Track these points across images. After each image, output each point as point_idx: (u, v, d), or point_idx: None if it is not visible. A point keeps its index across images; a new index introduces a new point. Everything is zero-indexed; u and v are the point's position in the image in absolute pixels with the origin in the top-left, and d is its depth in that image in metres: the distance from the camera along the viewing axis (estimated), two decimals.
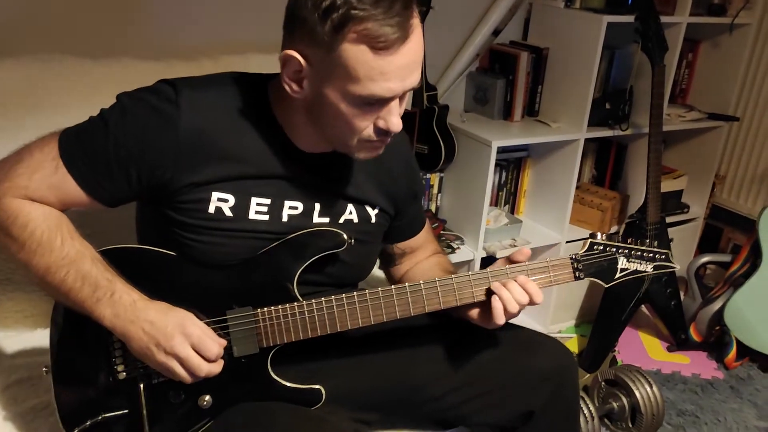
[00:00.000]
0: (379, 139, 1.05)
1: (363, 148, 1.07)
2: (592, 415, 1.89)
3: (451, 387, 1.22)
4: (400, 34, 0.93)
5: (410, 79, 0.99)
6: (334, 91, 0.98)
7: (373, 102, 0.99)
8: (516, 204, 2.65)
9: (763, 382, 2.40)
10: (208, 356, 1.03)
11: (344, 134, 1.04)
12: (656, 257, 1.20)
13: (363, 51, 0.93)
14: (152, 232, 1.15)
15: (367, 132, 1.03)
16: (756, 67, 2.74)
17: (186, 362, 1.02)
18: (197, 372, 1.03)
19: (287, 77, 1.01)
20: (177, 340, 1.01)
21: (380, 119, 1.02)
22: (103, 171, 1.06)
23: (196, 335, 1.02)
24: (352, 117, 1.00)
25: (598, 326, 2.44)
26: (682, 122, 2.65)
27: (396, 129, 1.03)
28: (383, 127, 1.02)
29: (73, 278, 1.02)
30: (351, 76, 0.95)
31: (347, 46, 0.93)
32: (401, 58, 0.95)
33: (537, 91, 2.48)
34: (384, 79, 0.96)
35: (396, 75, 0.96)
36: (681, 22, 2.38)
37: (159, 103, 1.05)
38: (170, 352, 1.01)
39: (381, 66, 0.94)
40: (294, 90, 1.02)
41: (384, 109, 1.01)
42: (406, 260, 1.38)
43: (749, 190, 2.87)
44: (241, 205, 1.10)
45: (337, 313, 1.11)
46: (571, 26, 2.34)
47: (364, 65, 0.94)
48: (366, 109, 1.00)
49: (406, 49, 0.95)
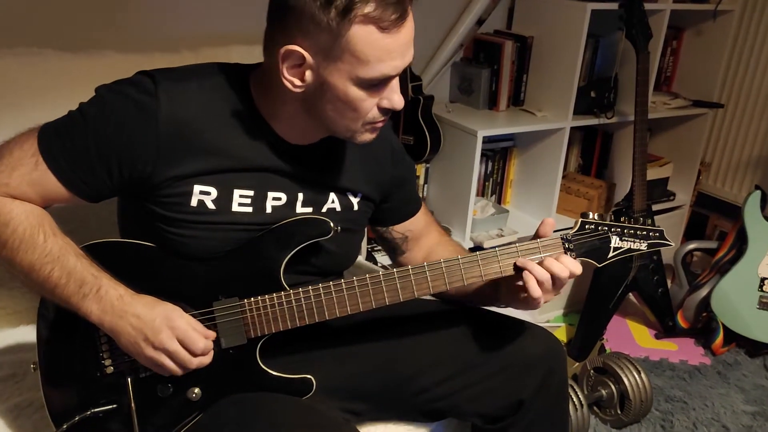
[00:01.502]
0: (381, 119, 1.07)
1: (366, 131, 1.08)
2: (582, 403, 1.89)
3: (441, 377, 1.22)
4: (400, 12, 0.95)
5: (408, 55, 1.02)
6: (341, 77, 0.99)
7: (378, 83, 1.00)
8: (503, 194, 2.65)
9: (750, 368, 2.42)
10: (194, 350, 1.02)
11: (350, 120, 1.05)
12: (650, 234, 1.17)
13: (371, 32, 0.95)
14: (134, 226, 1.13)
15: (372, 114, 1.05)
16: (739, 53, 2.76)
17: (174, 356, 1.01)
18: (187, 365, 1.02)
19: (288, 73, 1.00)
20: (164, 334, 1.00)
21: (383, 99, 1.04)
22: (84, 166, 1.04)
23: (182, 329, 1.01)
24: (359, 101, 1.01)
25: (586, 315, 2.45)
26: (667, 110, 2.65)
27: (399, 106, 1.05)
28: (387, 106, 1.04)
29: (58, 275, 1.01)
30: (360, 59, 0.96)
31: (356, 29, 0.94)
32: (403, 35, 0.98)
33: (522, 80, 2.48)
34: (391, 58, 0.98)
35: (399, 52, 0.99)
36: (665, 9, 2.38)
37: (138, 96, 1.03)
38: (159, 346, 1.00)
39: (388, 45, 0.96)
40: (296, 85, 1.01)
41: (386, 88, 1.03)
42: (414, 246, 1.36)
43: (734, 177, 2.89)
44: (224, 198, 1.09)
45: (325, 301, 1.10)
46: (555, 14, 2.33)
47: (373, 46, 0.96)
48: (371, 91, 1.01)
49: (406, 26, 0.98)
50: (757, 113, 2.76)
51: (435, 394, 1.22)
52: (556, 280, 1.10)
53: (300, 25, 0.95)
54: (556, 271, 1.09)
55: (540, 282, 1.09)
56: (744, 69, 2.76)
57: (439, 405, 1.24)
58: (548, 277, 1.09)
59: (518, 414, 1.21)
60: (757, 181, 2.77)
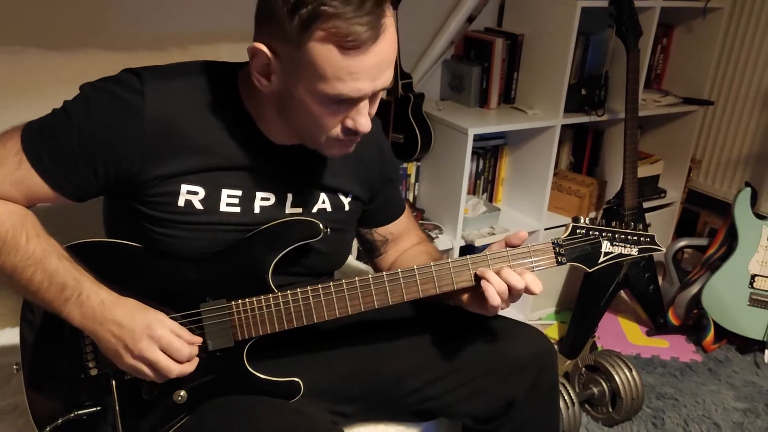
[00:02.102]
0: (347, 138, 1.03)
1: (332, 146, 1.05)
2: (573, 401, 1.89)
3: (431, 378, 1.21)
4: (370, 33, 0.90)
5: (381, 80, 0.96)
6: (302, 88, 0.95)
7: (341, 101, 0.96)
8: (494, 192, 2.64)
9: (741, 364, 2.42)
10: (178, 358, 1.01)
11: (313, 132, 1.02)
12: (641, 240, 1.17)
13: (330, 50, 0.90)
14: (121, 226, 1.12)
15: (335, 131, 1.01)
16: (729, 50, 2.76)
17: (155, 365, 1.00)
18: (167, 374, 1.01)
19: (256, 70, 0.99)
20: (144, 343, 0.99)
21: (348, 119, 1.00)
22: (68, 165, 1.02)
23: (165, 338, 1.00)
24: (320, 115, 0.98)
25: (577, 313, 2.45)
26: (658, 107, 2.66)
27: (364, 130, 1.00)
28: (351, 127, 1.00)
29: (39, 278, 1.00)
30: (319, 74, 0.92)
31: (314, 45, 0.90)
32: (371, 58, 0.92)
33: (513, 78, 2.48)
34: (352, 80, 0.93)
35: (366, 75, 0.93)
36: (655, 6, 2.38)
37: (123, 94, 1.02)
38: (138, 355, 0.99)
39: (349, 66, 0.91)
40: (262, 84, 0.99)
41: (353, 109, 0.99)
42: (391, 248, 1.36)
43: (724, 174, 2.90)
44: (212, 198, 1.07)
45: (314, 304, 1.09)
46: (546, 12, 2.33)
47: (331, 65, 0.91)
48: (335, 109, 0.98)
49: (377, 48, 0.92)
50: (747, 110, 2.76)
51: (425, 395, 1.21)
52: (513, 291, 1.09)
53: (271, 27, 0.94)
54: (513, 283, 1.09)
55: (498, 292, 1.09)
56: (734, 66, 2.77)
57: (430, 405, 1.23)
58: (505, 288, 1.09)
59: (509, 414, 1.20)
60: (747, 178, 2.78)
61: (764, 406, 2.20)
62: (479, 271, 1.11)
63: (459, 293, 1.17)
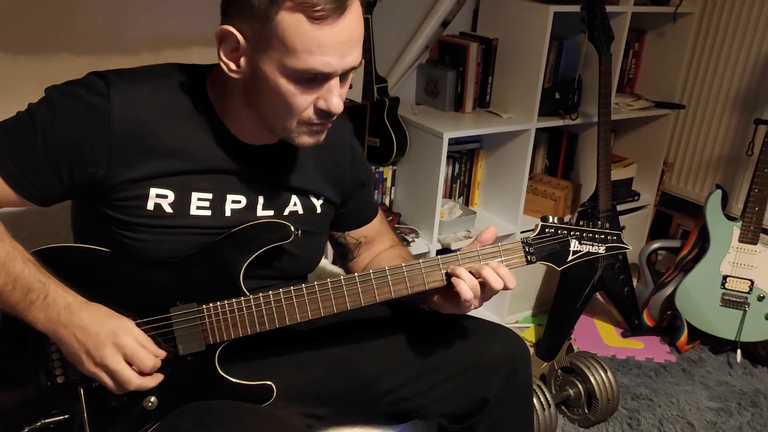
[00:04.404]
0: (320, 122, 1.02)
1: (303, 133, 1.04)
2: (549, 403, 1.90)
3: (405, 379, 1.21)
4: (336, 4, 0.92)
5: (350, 57, 0.97)
6: (271, 65, 0.95)
7: (311, 77, 0.96)
8: (470, 195, 2.65)
9: (714, 364, 2.45)
10: (142, 369, 1.00)
11: (283, 115, 1.01)
12: (608, 238, 1.20)
13: (300, 20, 0.91)
14: (89, 231, 1.10)
15: (307, 113, 1.01)
16: (699, 55, 2.81)
17: (115, 375, 0.98)
18: (126, 386, 1.00)
19: (224, 55, 0.98)
20: (107, 350, 0.97)
21: (320, 99, 0.99)
22: (32, 169, 1.01)
23: (130, 347, 0.99)
24: (290, 96, 0.98)
25: (553, 315, 2.47)
26: (631, 111, 2.69)
27: (336, 110, 1.00)
28: (323, 107, 1.00)
29: (3, 281, 0.98)
30: (288, 48, 0.93)
31: (284, 15, 0.91)
32: (339, 32, 0.93)
33: (487, 82, 2.49)
34: (321, 53, 0.93)
35: (334, 50, 0.94)
36: (626, 12, 2.42)
37: (89, 97, 1.01)
38: (99, 362, 0.98)
39: (318, 37, 0.92)
40: (231, 69, 0.99)
41: (323, 87, 0.99)
42: (364, 252, 1.36)
43: (696, 177, 2.94)
44: (182, 201, 1.06)
45: (286, 306, 1.08)
46: (519, 16, 2.35)
47: (300, 36, 0.92)
48: (305, 86, 0.97)
49: (344, 23, 0.93)
50: (717, 114, 2.81)
51: (399, 396, 1.21)
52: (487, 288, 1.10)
53: (238, 8, 0.94)
54: (485, 275, 1.09)
55: (470, 286, 1.09)
56: (704, 70, 2.81)
57: (404, 406, 1.23)
58: (476, 283, 1.10)
59: (483, 412, 1.20)
60: (718, 180, 2.82)
61: (737, 405, 2.22)
62: (450, 269, 1.11)
63: (433, 296, 1.17)
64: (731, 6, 2.68)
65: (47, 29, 1.70)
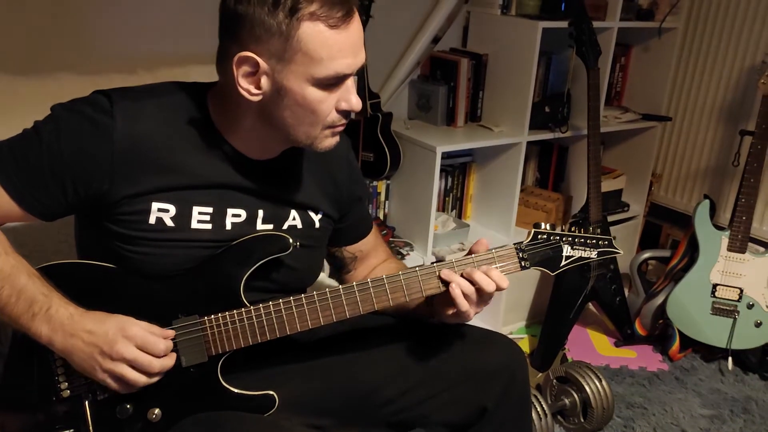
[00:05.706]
0: (340, 123, 1.08)
1: (326, 137, 1.08)
2: (546, 412, 1.91)
3: (405, 388, 1.23)
4: (345, 9, 0.98)
5: (361, 55, 1.03)
6: (297, 80, 1.00)
7: (334, 82, 1.02)
8: (463, 209, 2.68)
9: (706, 372, 2.48)
10: (156, 352, 1.01)
11: (309, 123, 1.05)
12: (600, 243, 1.22)
13: (320, 30, 0.96)
14: (92, 246, 1.12)
15: (331, 117, 1.05)
16: (684, 68, 2.86)
17: (135, 363, 1.00)
18: (150, 370, 1.01)
19: (243, 81, 1.01)
20: (120, 344, 0.99)
21: (341, 101, 1.05)
22: (37, 184, 1.03)
23: (140, 335, 1.00)
24: (317, 103, 1.02)
25: (547, 326, 2.49)
26: (619, 123, 2.73)
27: (357, 107, 1.06)
28: (345, 107, 1.05)
29: (8, 293, 0.99)
30: (314, 58, 0.98)
31: (306, 28, 0.96)
32: (351, 33, 1.00)
33: (478, 97, 2.53)
34: (342, 56, 0.99)
35: (350, 51, 1.00)
36: (612, 27, 2.47)
37: (94, 114, 1.03)
38: (117, 357, 0.99)
39: (338, 42, 0.98)
40: (253, 93, 1.02)
41: (341, 88, 1.04)
42: (360, 266, 1.38)
43: (684, 187, 2.98)
44: (183, 215, 1.09)
45: (286, 316, 1.10)
46: (508, 32, 2.39)
47: (323, 44, 0.97)
48: (329, 91, 1.02)
49: (353, 24, 1.00)
50: (703, 125, 2.86)
51: (400, 406, 1.23)
52: (481, 291, 1.13)
53: (251, 32, 0.97)
54: (477, 279, 1.12)
55: (465, 294, 1.12)
56: (690, 83, 2.87)
57: (405, 416, 1.24)
58: (473, 289, 1.12)
59: (482, 421, 1.22)
60: (706, 190, 2.86)
61: (729, 412, 2.25)
62: (443, 274, 1.13)
63: (438, 309, 1.19)
64: (714, 21, 2.74)
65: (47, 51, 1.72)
